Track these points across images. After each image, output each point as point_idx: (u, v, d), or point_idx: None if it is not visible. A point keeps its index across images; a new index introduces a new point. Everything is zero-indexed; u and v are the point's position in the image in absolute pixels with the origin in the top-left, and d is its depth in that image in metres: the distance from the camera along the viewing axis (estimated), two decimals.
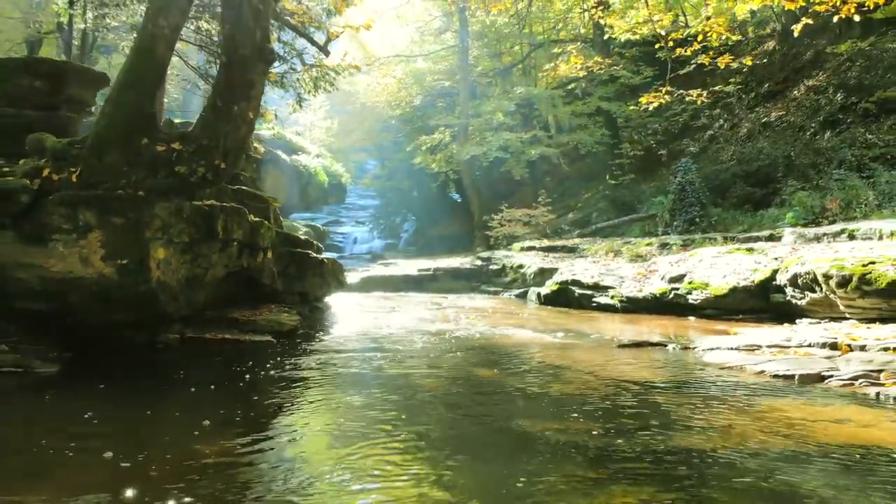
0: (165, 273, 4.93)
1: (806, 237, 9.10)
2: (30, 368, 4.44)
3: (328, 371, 4.63)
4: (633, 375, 4.29)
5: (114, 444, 2.82)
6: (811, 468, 2.55)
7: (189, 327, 5.75)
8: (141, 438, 3.06)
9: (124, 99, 4.65)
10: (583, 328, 6.99)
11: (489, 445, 2.94)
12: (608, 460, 2.62)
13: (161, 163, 4.68)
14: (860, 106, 15.88)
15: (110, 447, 2.75)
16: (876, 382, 3.82)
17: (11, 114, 6.97)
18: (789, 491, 2.32)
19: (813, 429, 3.06)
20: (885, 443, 2.87)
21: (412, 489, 2.33)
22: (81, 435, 3.00)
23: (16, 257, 4.78)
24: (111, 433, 3.09)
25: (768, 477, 2.44)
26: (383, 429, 3.13)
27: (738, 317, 7.43)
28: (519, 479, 2.38)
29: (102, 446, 2.76)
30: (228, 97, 4.61)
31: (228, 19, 4.73)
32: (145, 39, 4.56)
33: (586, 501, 2.19)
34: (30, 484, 2.42)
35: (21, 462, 2.67)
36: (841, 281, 6.22)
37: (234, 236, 5.70)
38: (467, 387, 4.13)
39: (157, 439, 3.01)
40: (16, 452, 2.82)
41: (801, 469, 2.53)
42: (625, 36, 8.63)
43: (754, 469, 2.53)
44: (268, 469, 2.61)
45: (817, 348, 4.89)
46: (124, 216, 4.64)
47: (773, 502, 2.25)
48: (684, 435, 2.95)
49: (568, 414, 3.36)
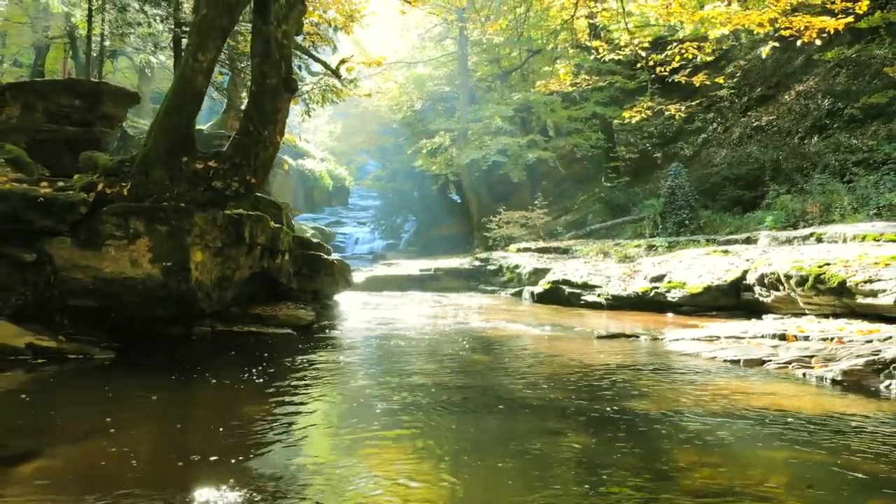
0: (202, 274, 5.68)
1: (779, 240, 9.83)
2: (90, 356, 5.17)
3: (343, 356, 5.38)
4: (604, 360, 5.04)
5: (174, 405, 3.57)
6: (731, 424, 3.28)
7: (219, 321, 6.49)
8: (195, 403, 3.80)
9: (168, 123, 5.39)
10: (569, 323, 7.74)
11: (476, 408, 3.67)
12: (570, 418, 3.37)
13: (199, 178, 5.42)
14: (846, 111, 16.49)
15: (172, 407, 3.49)
16: (806, 366, 4.56)
17: (53, 129, 7.74)
18: (710, 438, 3.05)
19: (742, 398, 3.80)
20: (797, 408, 3.60)
21: (406, 438, 3.07)
22: (149, 399, 3.75)
23: (73, 260, 5.52)
24: (170, 399, 3.84)
25: (697, 429, 3.17)
26: (389, 396, 3.87)
27: (712, 313, 8.17)
28: (499, 429, 3.12)
29: (166, 406, 3.51)
30: (258, 122, 5.35)
31: (257, 53, 5.46)
32: (186, 72, 5.30)
33: (548, 440, 2.94)
34: (126, 431, 3.16)
35: (112, 418, 3.41)
36: (799, 280, 6.97)
37: (259, 241, 6.45)
38: (463, 367, 4.87)
39: (206, 403, 3.75)
40: (106, 412, 3.55)
41: (723, 424, 3.27)
42: (609, 56, 9.33)
43: (687, 425, 3.26)
44: (295, 420, 3.35)
45: (768, 339, 5.63)
46: (168, 224, 5.38)
47: (693, 446, 2.98)
48: (636, 402, 3.70)
49: (543, 387, 4.11)
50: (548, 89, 11.30)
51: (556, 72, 12.44)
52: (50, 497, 2.41)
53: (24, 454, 2.84)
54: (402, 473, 2.59)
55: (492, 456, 2.79)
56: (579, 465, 2.69)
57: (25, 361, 4.89)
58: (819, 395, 3.90)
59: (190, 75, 5.28)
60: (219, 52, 5.47)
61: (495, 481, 2.53)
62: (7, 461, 2.77)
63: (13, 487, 2.54)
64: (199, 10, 5.31)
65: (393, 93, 24.69)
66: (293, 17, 5.54)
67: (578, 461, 2.75)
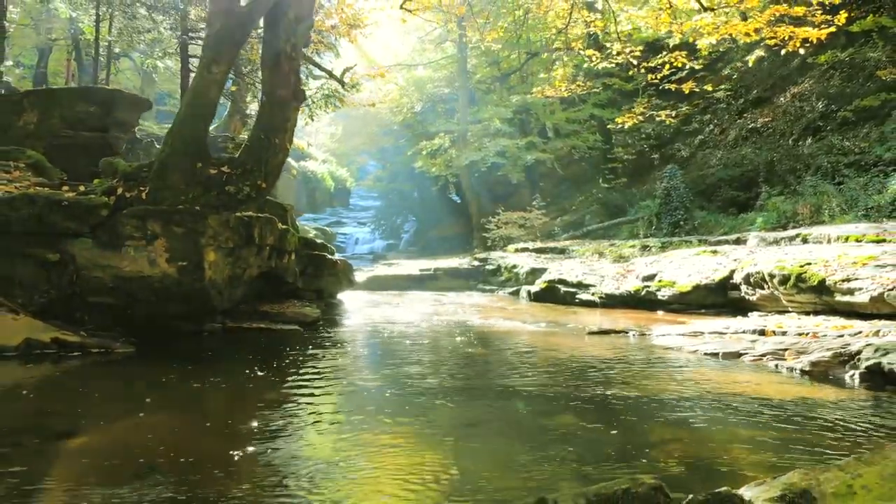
0: (215, 273, 6.02)
1: (767, 241, 10.17)
2: (111, 350, 5.52)
3: (349, 350, 5.73)
4: (593, 352, 5.39)
5: (195, 393, 3.91)
6: (703, 407, 3.63)
7: (229, 318, 6.84)
8: (214, 390, 4.14)
9: (183, 132, 5.74)
10: (564, 320, 8.09)
11: (474, 393, 4.02)
12: (558, 401, 3.72)
13: (213, 183, 5.77)
14: (839, 114, 16.77)
15: (193, 395, 3.84)
16: (779, 358, 4.90)
17: (69, 135, 8.10)
18: (682, 418, 3.40)
19: (716, 386, 4.15)
20: (766, 394, 3.94)
21: (410, 416, 3.41)
22: (170, 388, 4.10)
23: (94, 260, 5.87)
24: (190, 387, 4.18)
25: (672, 411, 3.52)
26: (394, 383, 4.21)
27: (701, 311, 8.51)
28: (493, 410, 3.47)
29: (187, 393, 3.86)
30: (269, 130, 5.70)
31: (267, 66, 5.81)
32: (201, 83, 5.65)
33: (538, 419, 3.29)
34: (153, 414, 3.50)
35: (139, 403, 3.75)
36: (782, 279, 7.31)
37: (268, 242, 6.79)
38: (460, 360, 5.22)
39: (224, 391, 4.10)
40: (132, 399, 3.90)
41: (695, 407, 3.62)
42: (602, 65, 9.69)
43: (664, 408, 3.61)
44: (309, 402, 3.70)
45: (748, 334, 5.98)
46: (184, 226, 5.73)
47: (667, 425, 3.32)
48: (620, 389, 4.04)
49: (536, 376, 4.46)
50: (544, 95, 11.63)
51: (552, 79, 12.78)
52: (95, 466, 2.75)
53: (67, 432, 3.19)
54: (407, 442, 2.94)
55: (485, 431, 3.14)
56: (564, 439, 3.04)
57: (51, 355, 5.24)
58: (786, 383, 4.25)
59: (204, 86, 5.63)
60: (231, 64, 5.82)
61: (484, 450, 2.88)
62: (54, 438, 3.12)
63: (64, 459, 2.89)
64: (212, 25, 5.66)
65: (393, 95, 25.02)
66: (301, 32, 5.89)
67: (563, 435, 3.09)
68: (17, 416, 3.56)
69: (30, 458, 2.85)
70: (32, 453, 2.92)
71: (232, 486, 2.48)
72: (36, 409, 3.69)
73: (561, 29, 9.44)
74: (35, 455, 2.90)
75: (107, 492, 2.42)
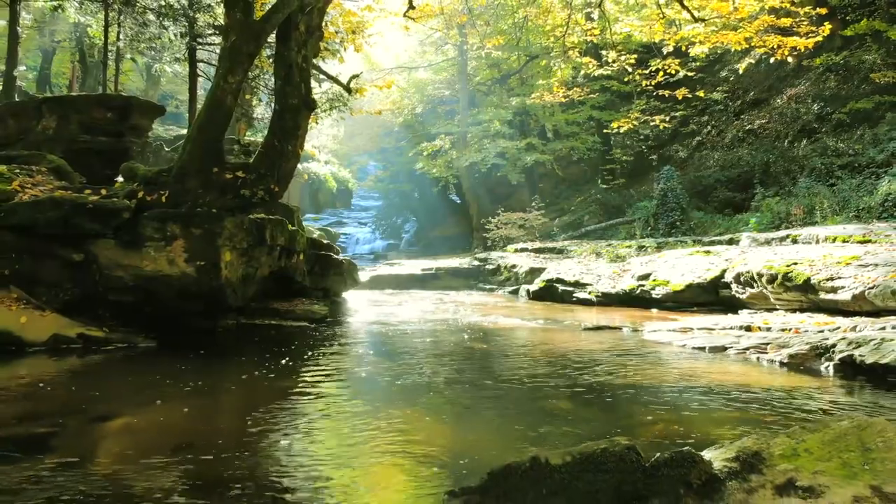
0: (230, 272, 6.36)
1: (758, 241, 10.50)
2: (133, 344, 5.86)
3: (357, 344, 6.07)
4: (587, 347, 5.73)
5: (217, 383, 4.24)
6: (686, 394, 3.96)
7: (242, 315, 7.18)
8: (234, 381, 4.48)
9: (201, 139, 6.08)
10: (561, 317, 8.43)
11: (477, 383, 4.35)
12: (553, 388, 4.05)
13: (229, 187, 6.10)
14: (834, 116, 17.05)
15: (216, 384, 4.17)
16: (762, 351, 5.24)
17: (86, 140, 8.43)
18: (666, 403, 3.73)
19: (700, 376, 4.48)
20: (746, 383, 4.27)
21: (415, 403, 3.75)
22: (195, 378, 4.42)
23: (116, 260, 6.21)
24: (212, 378, 4.51)
25: (658, 397, 3.85)
26: (400, 375, 4.54)
27: (693, 309, 8.84)
28: (491, 397, 3.80)
29: (211, 383, 4.18)
30: (281, 137, 6.03)
31: (280, 76, 6.14)
32: (217, 93, 5.98)
33: (533, 403, 3.62)
34: (182, 400, 3.84)
35: (168, 391, 4.08)
36: (770, 278, 7.64)
37: (278, 242, 7.13)
38: (462, 353, 5.55)
39: (244, 381, 4.43)
40: (162, 387, 4.23)
41: (679, 394, 3.95)
42: (598, 71, 10.02)
43: (650, 394, 3.94)
44: (322, 391, 4.03)
45: (735, 330, 6.31)
46: (202, 228, 6.06)
47: (652, 408, 3.66)
48: (610, 378, 4.37)
49: (532, 367, 4.79)
50: (542, 100, 11.98)
51: (551, 84, 13.11)
52: (137, 442, 3.09)
53: (108, 415, 3.52)
54: (419, 425, 3.27)
55: (488, 414, 3.47)
56: (559, 419, 3.37)
57: (77, 349, 5.58)
58: (765, 373, 4.59)
59: (220, 96, 5.96)
60: (246, 74, 6.15)
61: (485, 429, 3.21)
62: (97, 420, 3.46)
63: (107, 437, 3.22)
64: (228, 38, 5.99)
65: (394, 97, 25.37)
66: (311, 43, 6.22)
67: (558, 416, 3.43)
68: (56, 402, 3.89)
69: (75, 437, 3.17)
70: (77, 433, 3.25)
71: (261, 461, 2.81)
72: (73, 397, 4.02)
73: (559, 37, 9.76)
74: (79, 434, 3.23)
75: (150, 461, 2.75)
